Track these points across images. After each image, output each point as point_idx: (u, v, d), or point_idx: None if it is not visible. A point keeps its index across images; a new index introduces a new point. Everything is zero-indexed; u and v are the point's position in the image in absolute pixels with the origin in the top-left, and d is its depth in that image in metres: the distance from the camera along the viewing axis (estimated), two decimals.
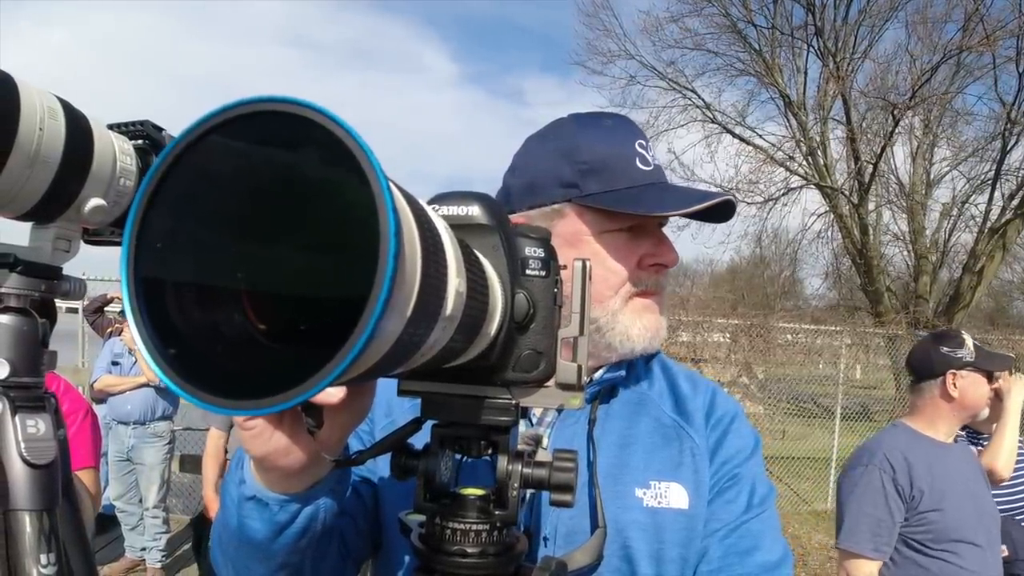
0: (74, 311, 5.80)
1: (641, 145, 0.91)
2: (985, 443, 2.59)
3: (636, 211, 0.86)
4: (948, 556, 2.07)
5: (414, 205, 0.35)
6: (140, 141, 0.85)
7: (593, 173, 0.88)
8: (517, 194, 0.94)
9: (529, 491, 0.68)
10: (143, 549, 4.72)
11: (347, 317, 0.29)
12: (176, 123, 0.35)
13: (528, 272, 0.58)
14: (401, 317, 0.31)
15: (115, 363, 4.68)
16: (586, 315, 0.59)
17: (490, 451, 0.60)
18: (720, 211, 0.89)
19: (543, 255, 0.59)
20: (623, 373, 0.93)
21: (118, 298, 5.24)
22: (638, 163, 0.89)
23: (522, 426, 0.65)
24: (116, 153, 0.84)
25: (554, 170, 0.90)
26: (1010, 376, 2.60)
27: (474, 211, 0.57)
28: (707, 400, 0.95)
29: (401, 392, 0.59)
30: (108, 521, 4.76)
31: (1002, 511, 2.36)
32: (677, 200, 0.87)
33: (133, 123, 0.87)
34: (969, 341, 2.34)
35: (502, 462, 0.58)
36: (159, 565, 4.71)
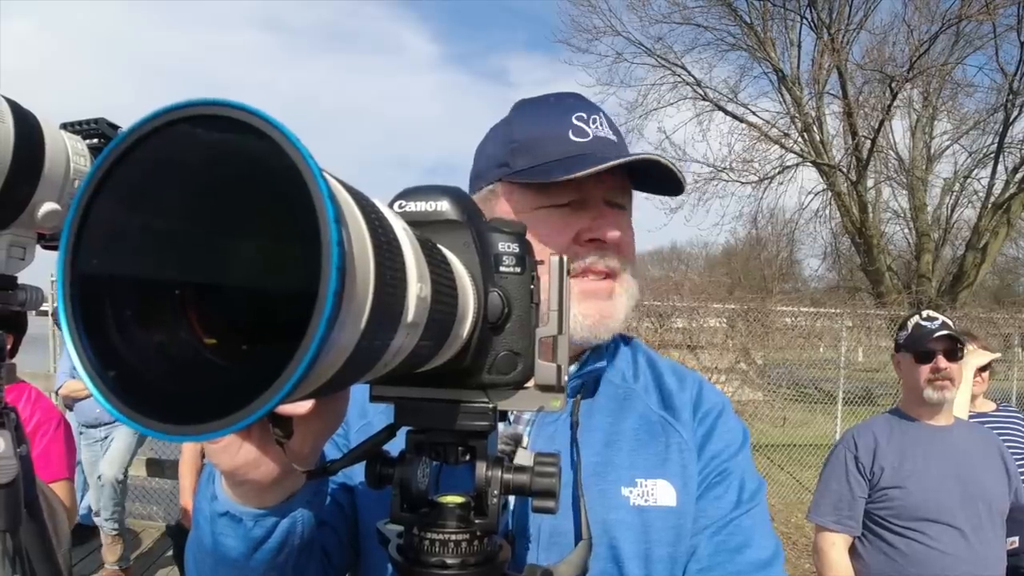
0: (44, 314, 5.56)
1: (580, 118, 0.88)
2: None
3: (545, 179, 0.83)
4: (916, 535, 2.10)
5: (367, 211, 0.33)
6: (95, 140, 0.82)
7: (522, 150, 0.88)
8: (469, 184, 0.96)
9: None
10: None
11: (301, 324, 0.27)
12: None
13: (502, 269, 0.56)
14: (355, 328, 0.29)
15: None
16: (565, 312, 0.57)
17: (468, 457, 0.57)
18: (667, 180, 0.86)
19: (517, 251, 0.57)
20: (604, 364, 0.91)
21: None
22: (571, 135, 0.87)
23: (500, 425, 0.63)
24: (69, 154, 0.80)
25: (493, 154, 0.92)
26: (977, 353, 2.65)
27: (443, 206, 0.54)
28: (694, 394, 0.93)
29: (373, 398, 0.57)
30: (87, 531, 4.65)
31: None
32: (587, 164, 0.82)
33: (87, 121, 0.83)
34: (912, 322, 2.34)
35: (480, 469, 0.56)
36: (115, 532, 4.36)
